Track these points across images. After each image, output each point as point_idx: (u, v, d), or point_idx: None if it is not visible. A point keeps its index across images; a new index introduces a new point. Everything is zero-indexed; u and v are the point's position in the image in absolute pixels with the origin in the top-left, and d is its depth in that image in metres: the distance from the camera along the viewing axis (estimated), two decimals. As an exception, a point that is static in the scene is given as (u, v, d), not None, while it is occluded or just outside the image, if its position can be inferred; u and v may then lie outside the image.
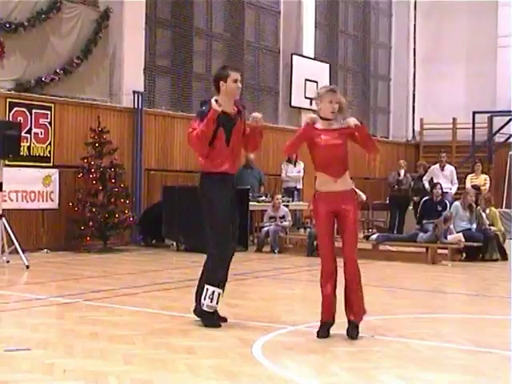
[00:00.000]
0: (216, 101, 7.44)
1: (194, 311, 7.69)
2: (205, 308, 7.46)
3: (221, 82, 7.62)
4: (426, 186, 19.20)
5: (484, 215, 15.44)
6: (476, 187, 17.65)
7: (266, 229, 16.15)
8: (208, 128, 7.37)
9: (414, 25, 27.57)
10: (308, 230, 15.91)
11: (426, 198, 16.63)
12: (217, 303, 7.47)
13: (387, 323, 8.12)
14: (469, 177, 20.04)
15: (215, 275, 7.52)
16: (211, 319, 7.51)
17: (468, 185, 18.80)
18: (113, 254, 14.95)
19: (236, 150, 7.71)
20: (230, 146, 7.58)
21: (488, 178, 19.99)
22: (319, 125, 7.38)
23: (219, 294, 7.46)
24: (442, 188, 16.54)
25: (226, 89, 7.59)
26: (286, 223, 16.22)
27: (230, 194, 7.64)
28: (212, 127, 7.40)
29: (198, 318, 7.62)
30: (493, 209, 15.90)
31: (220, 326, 7.49)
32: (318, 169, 7.53)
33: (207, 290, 7.44)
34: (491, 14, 25.42)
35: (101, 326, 7.62)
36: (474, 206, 15.40)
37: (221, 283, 7.55)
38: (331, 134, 7.33)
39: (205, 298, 7.44)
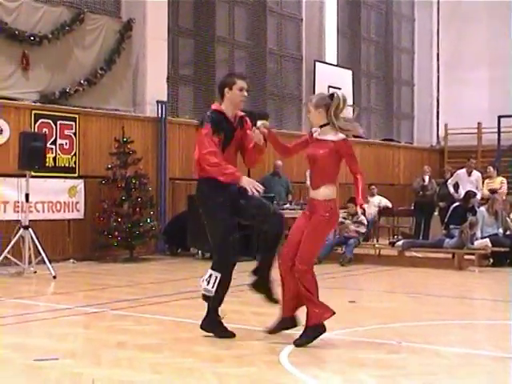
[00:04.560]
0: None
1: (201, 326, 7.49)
2: (203, 291, 7.31)
3: (226, 89, 7.40)
4: (451, 190, 19.07)
5: (509, 220, 15.34)
6: (493, 191, 17.51)
7: None
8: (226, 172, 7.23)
9: (437, 29, 27.47)
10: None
11: (457, 204, 16.51)
12: (213, 287, 7.22)
13: (414, 330, 8.07)
14: (485, 182, 19.86)
15: (220, 261, 7.31)
16: (221, 331, 7.31)
17: (485, 190, 18.64)
18: (138, 264, 14.99)
19: (230, 160, 7.41)
20: (224, 154, 7.37)
21: (505, 180, 19.72)
22: (316, 133, 7.26)
23: (216, 278, 7.20)
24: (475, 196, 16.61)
25: (230, 96, 7.37)
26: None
27: (229, 199, 7.36)
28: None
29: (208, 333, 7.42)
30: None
31: (234, 335, 7.31)
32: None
33: (207, 272, 7.28)
34: (514, 17, 25.28)
35: (128, 335, 7.64)
36: (500, 211, 15.28)
37: (228, 271, 7.28)
38: (318, 144, 7.21)
39: (203, 281, 7.28)
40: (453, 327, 8.42)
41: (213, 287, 7.24)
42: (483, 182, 19.25)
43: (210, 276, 7.24)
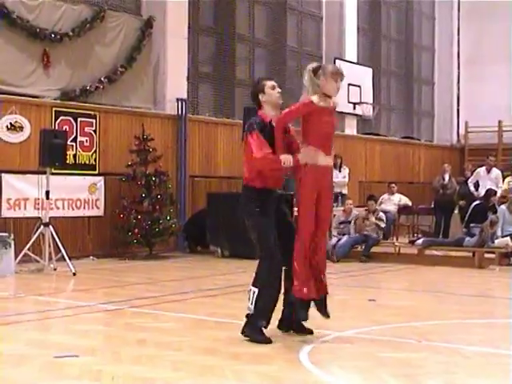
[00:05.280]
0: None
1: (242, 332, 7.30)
2: (248, 311, 7.19)
3: (260, 95, 7.39)
4: (472, 188, 19.00)
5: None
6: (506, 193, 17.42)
7: (334, 240, 15.41)
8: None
9: (458, 27, 27.34)
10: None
11: (477, 202, 16.42)
12: (252, 304, 7.08)
13: (435, 328, 8.05)
14: (507, 180, 19.72)
15: (263, 277, 7.14)
16: (256, 336, 7.12)
17: (506, 186, 18.51)
18: (158, 261, 15.03)
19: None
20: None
21: None
22: (318, 100, 7.14)
23: (254, 293, 7.07)
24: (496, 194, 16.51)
25: (267, 99, 7.36)
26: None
27: (273, 207, 7.33)
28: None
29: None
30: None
31: (270, 341, 7.05)
32: (314, 144, 7.17)
33: (249, 290, 7.17)
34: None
35: (148, 332, 7.66)
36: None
37: (273, 287, 7.17)
38: (329, 112, 7.22)
39: (248, 300, 7.16)
40: (473, 326, 8.37)
41: (252, 303, 7.13)
42: (504, 180, 19.14)
43: (249, 291, 7.16)
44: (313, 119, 7.16)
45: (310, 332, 7.40)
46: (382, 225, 15.74)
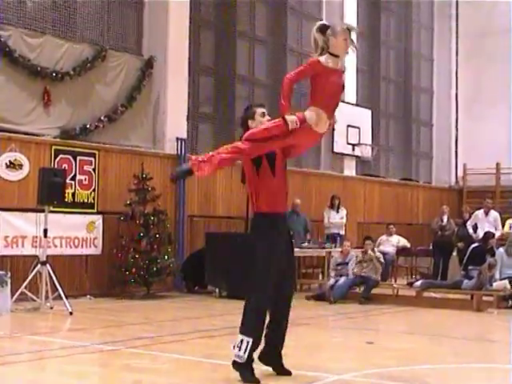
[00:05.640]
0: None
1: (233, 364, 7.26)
2: (235, 358, 7.11)
3: (249, 121, 7.45)
4: (470, 231, 19.03)
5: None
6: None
7: (332, 281, 15.29)
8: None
9: (456, 69, 27.49)
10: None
11: (476, 244, 16.41)
12: (245, 353, 7.03)
13: (433, 372, 7.99)
14: (508, 222, 19.74)
15: (249, 324, 7.15)
16: (245, 374, 7.05)
17: (506, 229, 18.53)
18: (155, 301, 14.95)
19: (282, 183, 7.36)
20: (275, 178, 7.28)
21: None
22: (326, 60, 7.01)
23: (248, 343, 7.03)
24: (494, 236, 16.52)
25: (256, 125, 7.37)
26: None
27: (284, 237, 7.35)
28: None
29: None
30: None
31: (259, 382, 7.01)
32: (319, 105, 7.05)
33: (238, 338, 7.11)
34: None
35: (144, 373, 7.59)
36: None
37: (259, 336, 7.16)
38: (337, 74, 7.10)
39: (234, 348, 7.09)
40: (472, 370, 8.31)
41: (245, 353, 7.04)
42: (505, 223, 19.16)
43: (242, 341, 7.06)
44: (320, 80, 7.00)
45: (289, 373, 7.37)
46: (381, 260, 15.81)
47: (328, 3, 22.53)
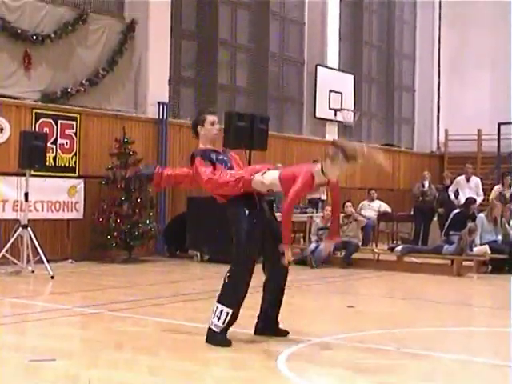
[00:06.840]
0: None
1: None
2: (212, 327, 7.15)
3: (199, 127, 7.61)
4: (452, 197, 19.11)
5: (508, 227, 15.33)
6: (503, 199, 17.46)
7: (313, 246, 15.32)
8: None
9: (439, 35, 27.42)
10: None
11: (457, 210, 16.48)
12: (225, 323, 7.10)
13: (413, 336, 8.06)
14: (495, 188, 19.78)
15: (230, 296, 7.18)
16: (216, 339, 7.11)
17: (493, 196, 18.57)
18: (137, 265, 14.97)
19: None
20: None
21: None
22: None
23: (227, 314, 7.08)
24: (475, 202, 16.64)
25: (204, 133, 7.58)
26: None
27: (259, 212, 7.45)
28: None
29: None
30: (518, 220, 15.76)
31: (230, 344, 7.07)
32: None
33: (217, 308, 7.15)
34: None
35: (125, 336, 7.63)
36: (499, 217, 15.27)
37: (239, 308, 7.21)
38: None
39: (213, 317, 7.14)
40: (451, 334, 8.41)
41: (223, 323, 7.11)
42: (491, 189, 19.18)
43: (221, 312, 7.11)
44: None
45: (286, 333, 7.49)
46: (363, 218, 16.09)
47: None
